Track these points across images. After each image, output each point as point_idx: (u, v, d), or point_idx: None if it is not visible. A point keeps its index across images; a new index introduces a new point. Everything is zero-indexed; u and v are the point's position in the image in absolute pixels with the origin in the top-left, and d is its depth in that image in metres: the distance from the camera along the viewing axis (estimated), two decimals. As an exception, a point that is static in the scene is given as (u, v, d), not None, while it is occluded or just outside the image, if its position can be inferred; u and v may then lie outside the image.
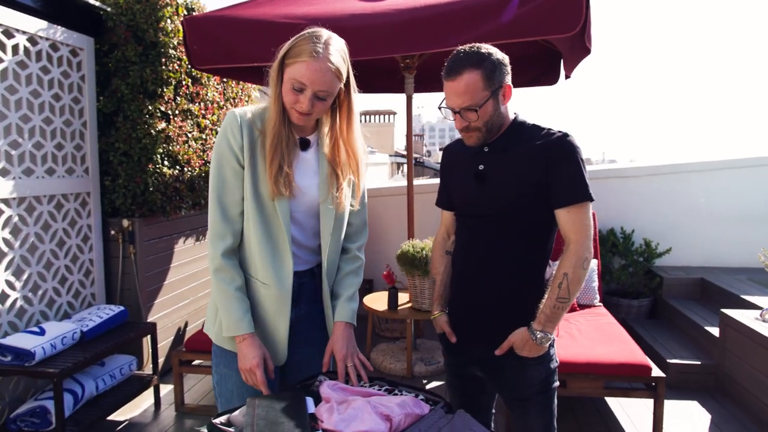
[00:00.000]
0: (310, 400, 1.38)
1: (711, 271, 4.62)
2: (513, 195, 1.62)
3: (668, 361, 3.59)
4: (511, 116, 1.67)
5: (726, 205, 4.71)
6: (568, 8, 2.65)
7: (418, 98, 3.86)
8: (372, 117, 25.52)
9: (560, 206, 1.59)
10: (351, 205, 1.68)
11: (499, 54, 1.58)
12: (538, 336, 1.59)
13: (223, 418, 1.35)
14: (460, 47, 1.59)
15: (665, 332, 4.13)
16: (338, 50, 1.49)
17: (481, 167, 1.67)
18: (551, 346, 1.69)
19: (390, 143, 23.61)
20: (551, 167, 1.58)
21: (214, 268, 1.55)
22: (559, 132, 1.61)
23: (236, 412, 1.38)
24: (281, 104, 1.51)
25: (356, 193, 1.68)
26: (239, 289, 1.54)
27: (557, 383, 1.73)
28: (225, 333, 1.55)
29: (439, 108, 1.65)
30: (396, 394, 1.49)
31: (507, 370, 1.68)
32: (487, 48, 1.57)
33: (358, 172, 1.65)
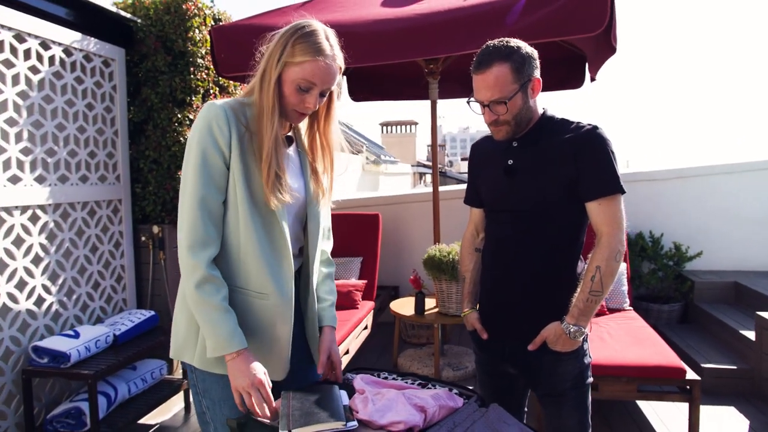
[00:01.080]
0: (343, 393, 1.38)
1: (744, 274, 4.51)
2: (543, 189, 1.62)
3: (703, 365, 3.51)
4: (540, 111, 1.67)
5: (757, 207, 4.61)
6: (594, 7, 2.64)
7: (440, 109, 3.85)
8: (394, 127, 25.57)
9: (591, 199, 1.58)
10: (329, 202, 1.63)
11: (527, 48, 1.58)
12: (572, 330, 1.58)
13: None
14: (489, 42, 1.59)
15: (698, 337, 4.04)
16: (337, 43, 1.45)
17: (510, 162, 1.67)
18: (584, 341, 1.67)
19: (412, 153, 23.65)
20: (581, 160, 1.57)
21: (196, 281, 1.34)
22: (589, 125, 1.61)
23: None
24: (276, 104, 1.40)
25: (330, 189, 1.60)
26: (225, 299, 1.36)
27: (591, 379, 1.71)
28: (212, 353, 1.34)
29: (468, 102, 1.66)
30: (429, 388, 1.49)
31: (540, 366, 1.66)
32: (516, 42, 1.58)
33: (332, 165, 1.58)
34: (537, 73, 1.60)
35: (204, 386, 1.46)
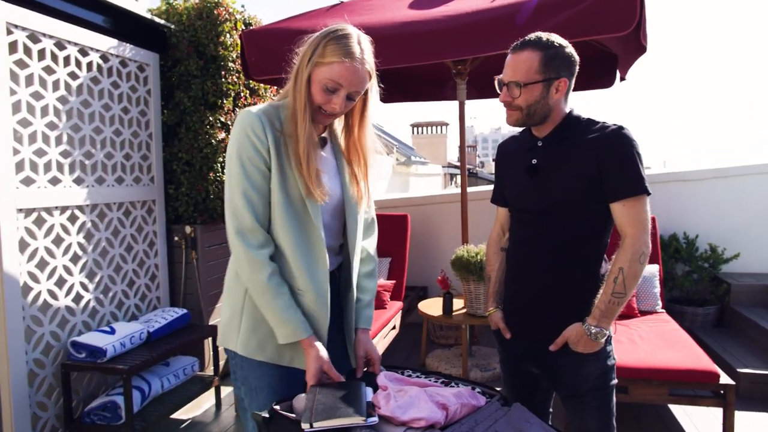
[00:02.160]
0: (369, 389, 1.40)
1: (784, 277, 4.38)
2: (565, 189, 1.61)
3: (738, 370, 3.41)
4: (566, 110, 1.66)
5: (798, 208, 4.46)
6: (623, 6, 2.61)
7: (471, 109, 3.85)
8: (424, 128, 25.52)
9: (616, 200, 1.57)
10: (368, 204, 1.69)
11: (569, 49, 1.58)
12: (593, 331, 1.57)
13: (285, 404, 1.39)
14: (540, 32, 1.60)
15: (734, 341, 3.94)
16: (369, 49, 1.49)
17: (534, 161, 1.67)
18: (608, 342, 1.66)
19: (443, 154, 23.57)
20: (605, 160, 1.56)
21: (267, 273, 1.43)
22: (614, 125, 1.60)
23: (296, 400, 1.42)
24: (308, 104, 1.46)
25: (367, 192, 1.65)
26: (289, 292, 1.47)
27: (615, 381, 1.69)
28: (285, 339, 1.45)
29: (495, 78, 1.67)
30: (452, 387, 1.50)
31: (562, 366, 1.66)
32: (560, 40, 1.59)
33: (366, 171, 1.63)
34: (568, 76, 1.59)
35: (243, 373, 1.54)
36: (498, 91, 1.65)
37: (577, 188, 1.59)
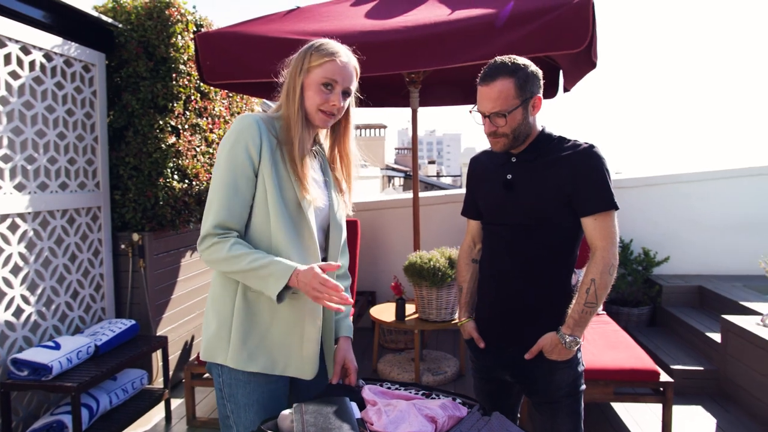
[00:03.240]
0: (354, 405, 1.41)
1: (708, 278, 4.73)
2: (540, 203, 1.69)
3: (672, 367, 3.66)
4: (539, 128, 1.74)
5: (721, 214, 4.83)
6: (575, 25, 2.74)
7: (406, 113, 3.98)
8: (363, 131, 25.66)
9: (587, 214, 1.66)
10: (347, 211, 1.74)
11: (533, 67, 1.66)
12: (567, 340, 1.65)
13: (271, 423, 1.38)
14: (498, 57, 1.66)
15: (666, 339, 4.21)
16: (350, 53, 1.61)
17: (509, 177, 1.74)
18: (578, 350, 1.74)
19: (381, 157, 23.72)
20: (578, 177, 1.64)
21: (230, 245, 1.43)
22: (585, 143, 1.69)
23: (281, 419, 1.41)
24: (302, 111, 1.54)
25: (350, 199, 1.72)
26: (260, 251, 1.46)
27: (584, 386, 1.79)
28: (277, 287, 1.39)
29: (470, 111, 1.72)
30: (433, 398, 1.53)
31: (537, 374, 1.73)
32: (523, 60, 1.65)
33: (350, 182, 1.70)
34: (539, 92, 1.67)
35: (230, 391, 1.52)
36: (478, 123, 1.70)
37: (551, 203, 1.67)
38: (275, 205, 1.48)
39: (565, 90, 4.00)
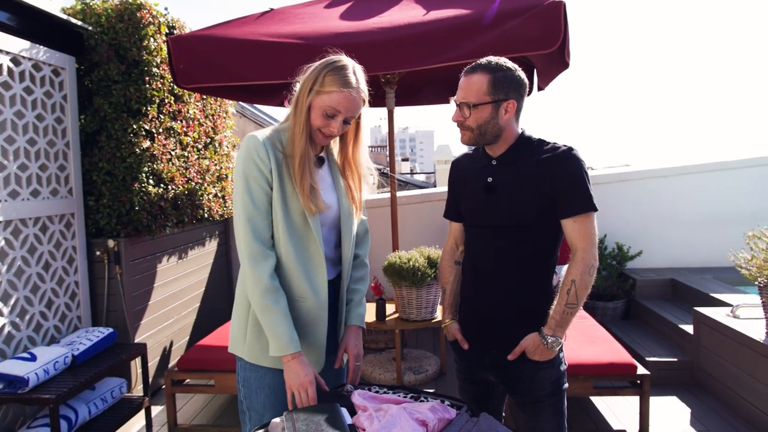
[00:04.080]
0: (344, 410, 1.42)
1: (680, 271, 4.85)
2: (520, 206, 1.71)
3: (647, 359, 3.75)
4: (518, 131, 1.76)
5: (692, 210, 4.97)
6: (547, 26, 2.78)
7: (380, 111, 4.00)
8: (335, 129, 25.49)
9: (567, 216, 1.68)
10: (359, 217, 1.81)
11: (519, 74, 1.68)
12: (549, 341, 1.68)
13: (262, 431, 1.38)
14: (492, 57, 1.69)
15: (640, 332, 4.31)
16: (363, 78, 1.64)
17: (489, 180, 1.76)
18: (560, 349, 1.78)
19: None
20: (557, 180, 1.67)
21: (261, 290, 1.55)
22: (564, 146, 1.71)
23: (272, 426, 1.41)
24: (307, 127, 1.60)
25: (361, 205, 1.80)
26: (286, 307, 1.58)
27: (567, 384, 1.82)
28: (274, 353, 1.56)
29: (449, 99, 1.75)
30: (422, 401, 1.55)
31: (520, 374, 1.75)
32: (510, 65, 1.68)
33: (360, 184, 1.78)
34: (517, 98, 1.68)
35: (245, 375, 1.68)
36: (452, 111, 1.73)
37: (531, 205, 1.69)
38: (281, 219, 1.59)
39: (539, 89, 4.05)
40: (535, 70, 4.13)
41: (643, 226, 4.99)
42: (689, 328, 3.80)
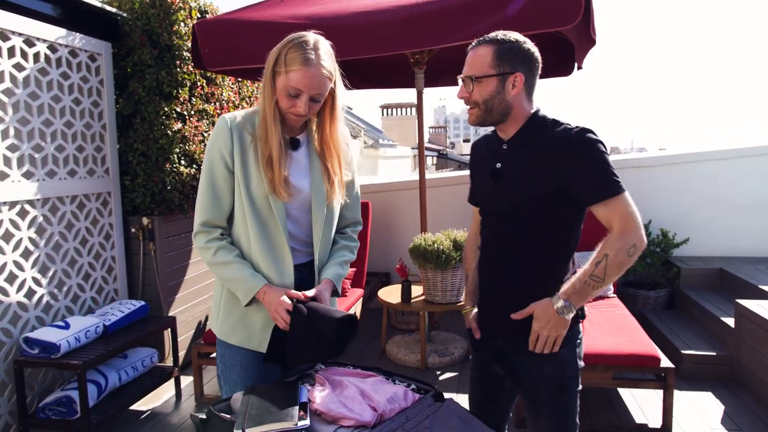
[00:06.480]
0: (304, 389, 1.45)
1: (730, 261, 4.56)
2: (526, 193, 1.60)
3: (682, 352, 3.57)
4: (532, 110, 1.64)
5: (745, 194, 4.63)
6: (568, 1, 2.65)
7: (442, 91, 3.93)
8: (394, 110, 25.47)
9: (593, 203, 1.52)
10: (343, 198, 1.77)
11: (526, 45, 1.58)
12: (559, 305, 1.52)
13: (223, 405, 1.43)
14: (499, 31, 1.61)
15: (682, 323, 4.10)
16: (327, 53, 1.59)
17: (498, 165, 1.66)
18: (577, 346, 1.66)
19: (413, 135, 23.60)
20: (574, 166, 1.52)
21: (214, 251, 1.63)
22: (577, 127, 1.55)
23: (233, 401, 1.46)
24: (274, 109, 1.59)
25: (341, 186, 1.74)
26: (239, 256, 1.64)
27: (580, 387, 1.67)
28: (245, 299, 1.61)
29: (456, 77, 1.69)
30: (393, 383, 1.54)
31: (525, 366, 1.66)
32: (516, 36, 1.58)
33: (341, 166, 1.73)
34: (525, 71, 1.58)
35: (221, 351, 1.74)
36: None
37: (541, 192, 1.57)
38: (243, 201, 1.61)
39: (579, 67, 3.87)
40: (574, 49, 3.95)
41: (692, 212, 4.70)
42: (731, 321, 3.58)
